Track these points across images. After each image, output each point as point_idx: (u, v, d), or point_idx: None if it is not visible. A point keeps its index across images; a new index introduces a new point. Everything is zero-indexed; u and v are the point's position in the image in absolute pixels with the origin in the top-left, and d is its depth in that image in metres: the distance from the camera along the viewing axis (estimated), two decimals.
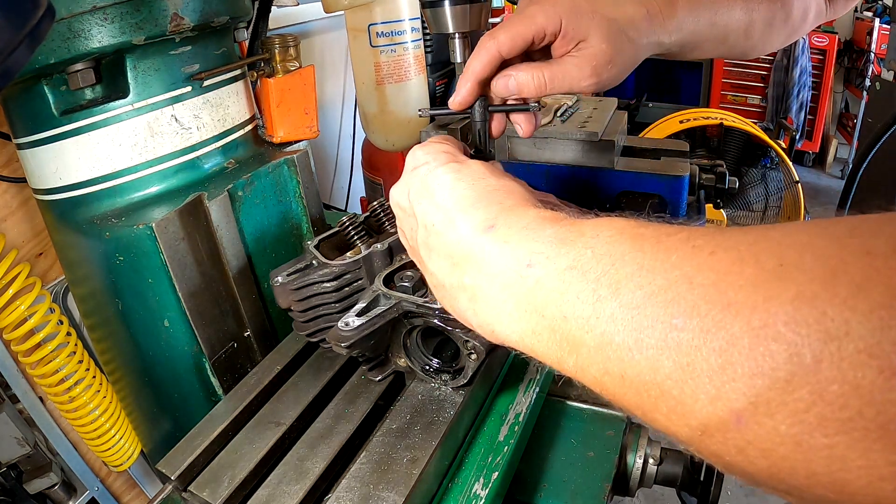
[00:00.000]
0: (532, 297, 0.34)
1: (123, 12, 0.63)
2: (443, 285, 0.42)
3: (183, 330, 0.74)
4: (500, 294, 0.36)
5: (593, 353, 0.29)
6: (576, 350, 0.31)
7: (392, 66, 1.20)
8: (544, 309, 0.33)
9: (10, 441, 1.01)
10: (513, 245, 0.36)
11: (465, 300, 0.40)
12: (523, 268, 0.35)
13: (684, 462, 0.74)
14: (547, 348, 0.33)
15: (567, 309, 0.31)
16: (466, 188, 0.43)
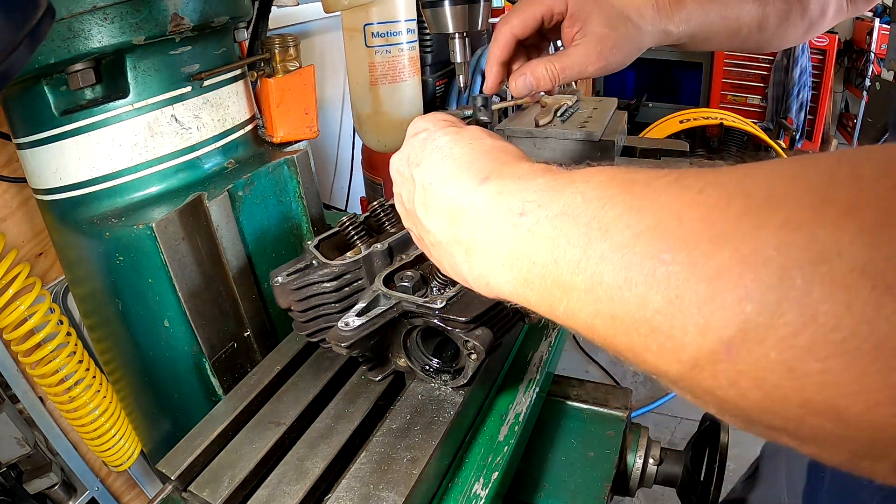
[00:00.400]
0: (524, 245, 0.34)
1: (123, 12, 0.63)
2: (440, 242, 0.43)
3: (183, 330, 0.74)
4: (494, 245, 0.37)
5: (584, 296, 0.29)
6: (567, 295, 0.31)
7: (387, 66, 1.20)
8: (536, 256, 0.33)
9: (10, 441, 1.01)
10: (506, 195, 0.37)
11: (461, 255, 0.40)
12: (516, 217, 0.35)
13: (684, 462, 0.74)
14: (539, 296, 0.33)
15: (558, 254, 0.31)
16: (464, 148, 0.44)
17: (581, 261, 0.29)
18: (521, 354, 0.75)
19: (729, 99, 3.92)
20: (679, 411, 2.28)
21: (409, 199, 0.47)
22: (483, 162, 0.41)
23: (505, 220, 0.36)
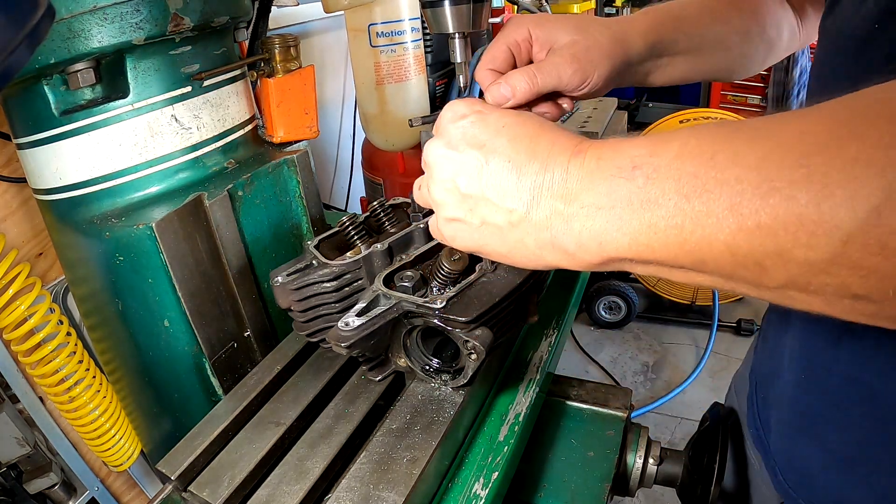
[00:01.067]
0: (645, 193, 0.34)
1: (123, 12, 0.63)
2: (522, 220, 0.41)
3: (183, 330, 0.74)
4: (606, 204, 0.36)
5: (724, 218, 0.30)
6: (701, 224, 0.32)
7: (392, 66, 1.20)
8: (660, 198, 0.33)
9: (10, 441, 1.01)
10: (607, 159, 0.37)
11: (560, 225, 0.39)
12: (628, 171, 0.35)
13: (684, 462, 0.74)
14: (664, 238, 0.34)
15: (688, 189, 0.32)
16: (533, 127, 0.43)
17: (714, 188, 0.31)
18: (521, 354, 0.75)
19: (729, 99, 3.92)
20: (679, 411, 2.28)
21: (468, 183, 0.43)
22: (562, 138, 0.41)
23: (615, 178, 0.36)
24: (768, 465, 0.65)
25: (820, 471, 0.58)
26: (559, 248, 0.40)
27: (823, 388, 0.57)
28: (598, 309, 2.73)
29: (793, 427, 0.61)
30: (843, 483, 0.56)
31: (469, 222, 0.44)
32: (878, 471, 0.53)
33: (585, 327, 2.81)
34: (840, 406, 0.55)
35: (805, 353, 0.59)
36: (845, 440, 0.55)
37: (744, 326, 2.61)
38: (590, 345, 2.69)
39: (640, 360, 2.60)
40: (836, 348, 0.54)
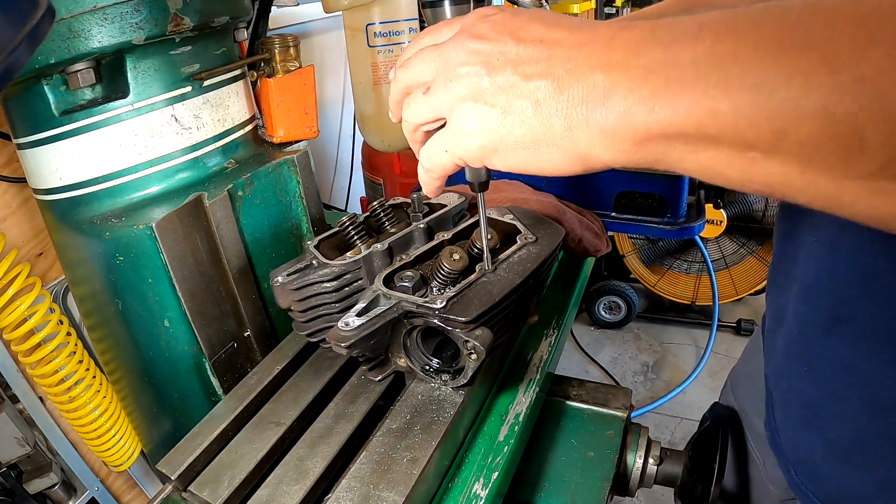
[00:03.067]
0: (712, 53, 0.29)
1: (123, 12, 0.63)
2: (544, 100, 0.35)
3: (183, 330, 0.74)
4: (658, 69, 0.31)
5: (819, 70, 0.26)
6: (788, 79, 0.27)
7: (389, 66, 1.20)
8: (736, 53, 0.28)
9: (10, 441, 1.01)
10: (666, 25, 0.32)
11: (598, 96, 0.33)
12: (693, 33, 0.30)
13: (684, 462, 0.74)
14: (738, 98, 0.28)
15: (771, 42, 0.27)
16: (574, 19, 0.38)
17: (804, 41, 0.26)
18: (521, 354, 0.75)
19: None
20: (679, 411, 2.28)
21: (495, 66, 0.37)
22: (605, 22, 0.36)
23: (676, 41, 0.30)
24: (783, 465, 0.65)
25: (821, 463, 0.58)
26: (595, 126, 0.34)
27: (822, 378, 0.56)
28: (598, 309, 2.73)
29: (799, 421, 0.61)
30: (844, 474, 0.56)
31: (490, 112, 0.38)
32: (876, 460, 0.53)
33: (585, 327, 2.81)
34: (838, 396, 0.55)
35: (799, 347, 0.59)
36: (843, 430, 0.55)
37: (744, 326, 2.61)
38: (590, 345, 2.69)
39: (640, 360, 2.60)
40: (828, 336, 0.54)
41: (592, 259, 1.00)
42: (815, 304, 0.56)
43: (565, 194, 1.06)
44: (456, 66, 0.39)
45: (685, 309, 2.65)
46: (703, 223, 1.04)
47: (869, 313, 0.50)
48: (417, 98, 0.42)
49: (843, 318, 0.52)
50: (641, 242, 2.55)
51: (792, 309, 0.60)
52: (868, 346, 0.51)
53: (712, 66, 0.29)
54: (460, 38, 0.39)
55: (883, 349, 0.49)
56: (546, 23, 0.37)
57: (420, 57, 0.42)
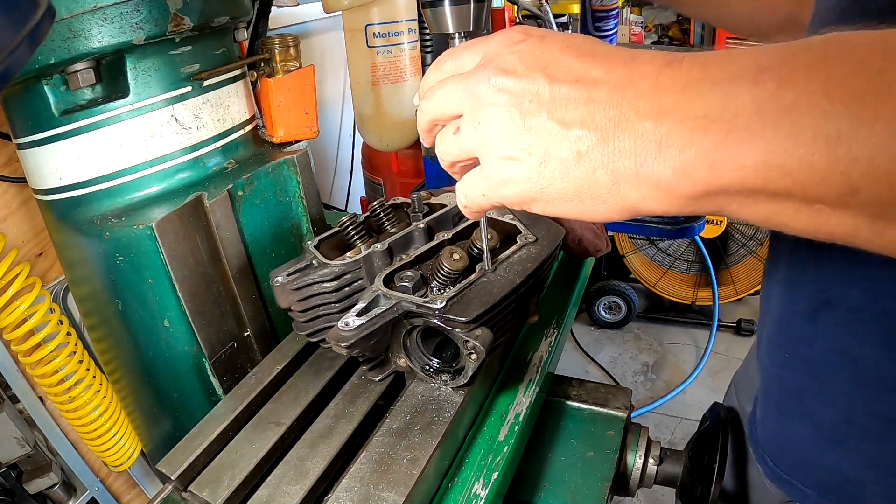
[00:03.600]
0: (777, 100, 0.26)
1: (123, 12, 0.63)
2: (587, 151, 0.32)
3: (183, 330, 0.74)
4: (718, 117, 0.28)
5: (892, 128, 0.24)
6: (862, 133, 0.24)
7: (388, 66, 1.20)
8: (800, 106, 0.25)
9: (10, 441, 1.01)
10: (718, 63, 0.29)
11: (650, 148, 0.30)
12: (752, 74, 0.27)
13: (684, 462, 0.74)
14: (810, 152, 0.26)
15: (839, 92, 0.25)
16: (609, 46, 0.35)
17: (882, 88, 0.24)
18: (521, 354, 0.75)
19: None
20: (679, 411, 2.28)
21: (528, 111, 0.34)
22: (645, 53, 0.33)
23: (734, 82, 0.28)
24: (759, 458, 0.65)
25: (812, 448, 0.58)
26: (646, 180, 0.31)
27: (807, 363, 0.56)
28: (598, 309, 2.73)
29: (782, 411, 0.61)
30: (836, 456, 0.56)
31: (527, 161, 0.35)
32: (867, 438, 0.53)
33: (585, 327, 2.81)
34: (825, 378, 0.55)
35: (785, 333, 0.59)
36: (833, 412, 0.55)
37: (744, 326, 2.61)
38: (590, 345, 2.69)
39: (640, 360, 2.60)
40: (814, 321, 0.54)
41: (592, 259, 1.00)
42: (799, 291, 0.56)
43: None
44: (485, 106, 0.36)
45: (685, 309, 2.65)
46: (703, 223, 1.04)
47: (856, 297, 0.50)
48: (448, 137, 0.40)
49: (829, 303, 0.52)
50: (641, 242, 2.55)
51: (776, 295, 0.60)
52: (857, 327, 0.51)
53: (779, 114, 0.26)
54: (486, 73, 0.36)
55: (873, 329, 0.49)
56: (580, 54, 0.34)
57: (445, 89, 0.39)
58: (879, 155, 0.24)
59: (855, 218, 0.27)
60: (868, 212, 0.26)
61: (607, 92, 0.32)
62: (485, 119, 0.36)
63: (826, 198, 0.26)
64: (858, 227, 0.27)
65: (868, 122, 0.24)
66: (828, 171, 0.25)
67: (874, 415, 0.52)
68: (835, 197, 0.26)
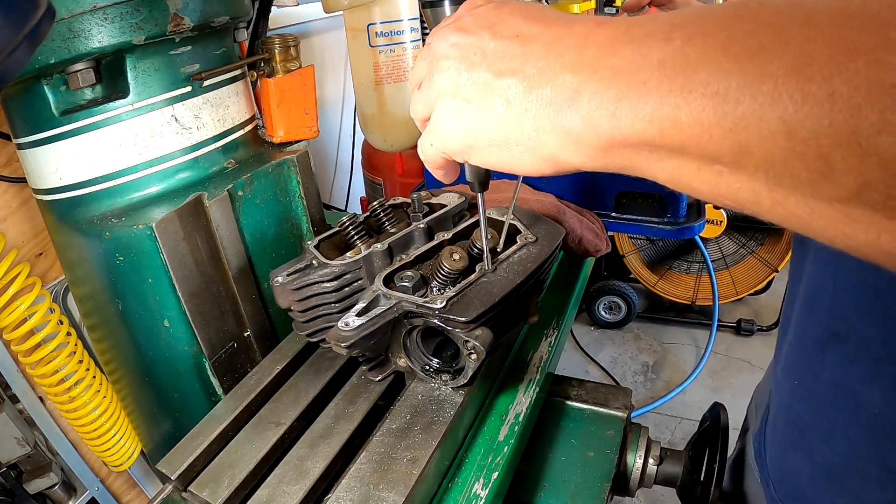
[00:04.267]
0: (681, 55, 0.26)
1: (123, 12, 0.63)
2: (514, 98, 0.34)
3: (183, 330, 0.74)
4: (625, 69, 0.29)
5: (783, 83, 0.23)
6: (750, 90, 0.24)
7: (391, 66, 1.20)
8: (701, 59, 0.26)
9: (10, 441, 1.01)
10: (641, 22, 0.30)
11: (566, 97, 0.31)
12: (664, 33, 0.28)
13: (684, 462, 0.74)
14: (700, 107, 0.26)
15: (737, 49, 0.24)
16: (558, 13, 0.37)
17: (774, 46, 0.23)
18: (521, 354, 0.75)
19: None
20: (679, 411, 2.28)
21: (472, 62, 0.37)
22: (585, 17, 0.35)
23: (647, 41, 0.28)
24: (763, 479, 0.65)
25: (809, 484, 0.57)
26: (560, 129, 0.32)
27: (812, 395, 0.55)
28: (598, 309, 2.73)
29: (786, 439, 0.60)
30: (831, 496, 0.55)
31: (466, 109, 0.37)
32: (866, 483, 0.51)
33: (585, 327, 2.81)
34: (827, 414, 0.53)
35: (797, 359, 0.57)
36: (833, 451, 0.53)
37: (744, 326, 2.61)
38: (590, 345, 2.70)
39: (640, 360, 2.60)
40: (823, 352, 0.52)
41: (592, 259, 1.00)
42: (814, 315, 0.54)
43: (565, 194, 1.06)
44: (439, 60, 0.39)
45: (685, 309, 2.65)
46: (703, 223, 1.04)
47: (865, 332, 0.48)
48: (415, 94, 0.43)
49: (839, 335, 0.50)
50: (641, 242, 2.55)
51: (795, 318, 0.58)
52: (862, 366, 0.49)
53: (677, 69, 0.26)
54: (445, 31, 0.39)
55: (877, 371, 0.48)
56: (526, 16, 0.36)
57: (420, 55, 0.43)
58: (768, 113, 0.23)
59: (752, 181, 0.26)
60: (764, 176, 0.25)
61: (540, 46, 0.34)
62: (437, 73, 0.39)
63: (721, 157, 0.26)
64: (758, 194, 0.26)
65: (756, 80, 0.23)
66: (715, 126, 0.25)
67: (876, 461, 0.50)
68: (729, 156, 0.26)
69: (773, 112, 0.23)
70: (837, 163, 0.22)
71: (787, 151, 0.23)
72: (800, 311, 0.57)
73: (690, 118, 0.26)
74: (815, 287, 0.54)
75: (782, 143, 0.23)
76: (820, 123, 0.22)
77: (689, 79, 0.26)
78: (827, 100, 0.21)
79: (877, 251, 0.24)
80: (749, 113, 0.24)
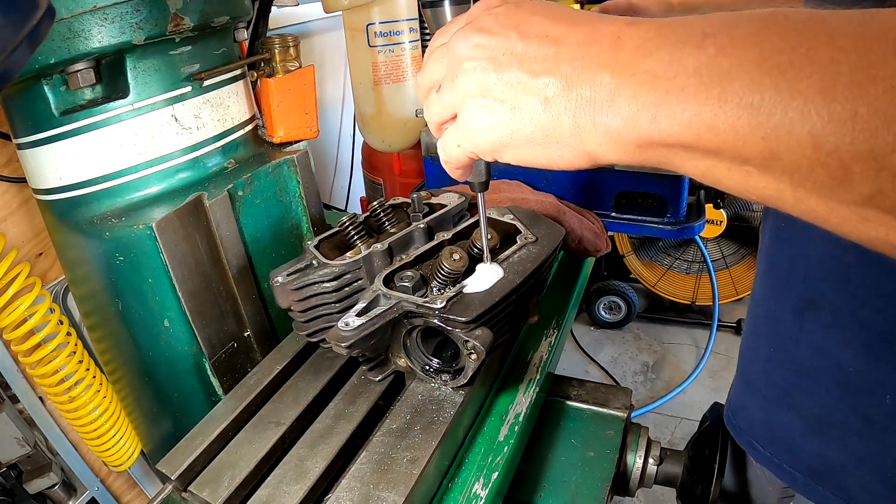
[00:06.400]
0: (716, 64, 0.28)
1: (123, 12, 0.63)
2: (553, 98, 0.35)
3: (183, 330, 0.74)
4: (662, 74, 0.31)
5: (812, 101, 0.25)
6: (783, 105, 0.26)
7: (390, 66, 1.20)
8: (735, 69, 0.28)
9: (10, 441, 1.01)
10: (672, 25, 0.31)
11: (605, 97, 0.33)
12: (697, 38, 0.30)
13: (684, 462, 0.74)
14: (735, 116, 0.28)
15: (769, 64, 0.27)
16: (579, 11, 0.38)
17: (804, 66, 0.26)
18: (521, 354, 0.75)
19: None
20: (679, 411, 2.28)
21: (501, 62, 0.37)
22: (609, 17, 0.35)
23: (680, 44, 0.30)
24: (742, 440, 0.68)
25: (800, 437, 0.60)
26: (601, 127, 0.34)
27: (793, 359, 0.59)
28: (598, 309, 2.73)
29: (770, 401, 0.63)
30: (822, 445, 0.58)
31: (498, 108, 0.38)
32: (850, 433, 0.55)
33: (585, 327, 2.81)
34: (810, 375, 0.58)
35: (773, 328, 0.61)
36: (818, 406, 0.58)
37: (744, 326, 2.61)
38: (590, 345, 2.69)
39: (640, 360, 2.60)
40: (800, 320, 0.57)
41: (592, 259, 1.00)
42: (789, 289, 0.59)
43: (565, 194, 1.06)
44: (462, 62, 0.39)
45: (685, 309, 2.65)
46: (703, 223, 1.04)
47: (838, 302, 0.53)
48: (432, 97, 0.43)
49: (815, 304, 0.55)
50: (641, 242, 2.55)
51: (766, 293, 0.63)
52: (838, 331, 0.53)
53: (713, 79, 0.28)
54: (465, 32, 0.39)
55: (852, 335, 0.52)
56: (550, 16, 0.37)
57: (432, 58, 0.43)
58: (797, 127, 0.26)
59: (778, 182, 0.29)
60: (789, 179, 0.28)
61: (573, 47, 0.35)
62: (462, 74, 0.39)
63: (752, 160, 0.29)
64: (783, 192, 0.29)
65: (788, 96, 0.26)
66: (749, 134, 0.28)
67: (856, 413, 0.55)
68: (759, 160, 0.28)
69: (802, 127, 0.26)
70: (856, 173, 0.25)
71: (813, 161, 0.26)
72: (773, 286, 0.62)
73: (726, 125, 0.28)
74: (788, 263, 0.59)
75: (809, 153, 0.26)
76: (843, 140, 0.25)
77: (724, 89, 0.28)
78: (850, 119, 0.25)
79: (886, 245, 0.27)
80: (781, 125, 0.27)
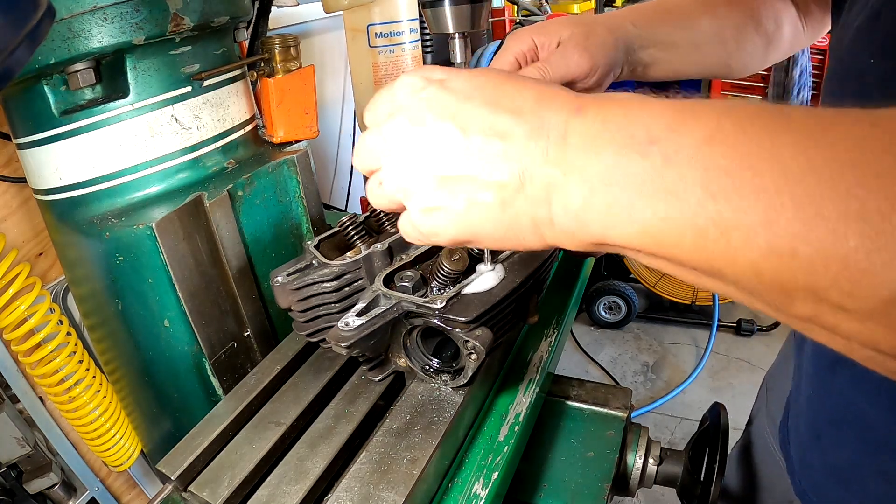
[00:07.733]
0: (661, 179, 0.28)
1: (123, 12, 0.63)
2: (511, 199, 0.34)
3: (183, 330, 0.74)
4: (613, 182, 0.30)
5: (755, 234, 0.25)
6: (726, 234, 0.26)
7: (390, 66, 1.20)
8: (681, 190, 0.27)
9: (10, 441, 1.01)
10: (617, 120, 0.31)
11: (559, 199, 0.32)
12: (643, 145, 0.29)
13: (684, 462, 0.74)
14: (680, 236, 0.28)
15: (714, 187, 0.26)
16: (514, 82, 0.35)
17: (749, 195, 0.25)
18: (521, 354, 0.75)
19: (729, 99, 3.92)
20: (679, 411, 2.28)
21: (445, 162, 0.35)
22: (552, 93, 0.34)
23: (626, 150, 0.30)
24: (789, 469, 0.68)
25: (822, 480, 0.62)
26: (558, 225, 0.34)
27: (825, 406, 0.60)
28: (598, 309, 2.73)
29: (805, 439, 0.64)
30: (841, 493, 0.60)
31: (452, 208, 0.36)
32: (868, 489, 0.56)
33: (585, 327, 2.81)
34: (837, 425, 0.58)
35: (814, 371, 0.62)
36: (841, 457, 0.58)
37: (744, 326, 2.61)
38: (590, 345, 2.69)
39: (640, 360, 2.60)
40: (833, 370, 0.57)
41: (592, 259, 1.00)
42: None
43: None
44: (400, 160, 0.37)
45: (685, 309, 2.65)
46: None
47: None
48: (375, 189, 0.40)
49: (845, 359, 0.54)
50: None
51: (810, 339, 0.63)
52: (866, 387, 0.53)
53: (659, 192, 0.28)
54: (396, 126, 0.37)
55: (881, 393, 0.52)
56: (487, 102, 0.35)
57: (363, 144, 0.40)
58: (739, 255, 0.26)
59: (726, 287, 0.29)
60: (736, 290, 0.29)
61: (520, 141, 0.33)
62: (402, 172, 0.37)
63: (699, 270, 0.29)
64: (734, 296, 0.30)
65: (732, 224, 0.26)
66: (693, 253, 0.28)
67: (876, 470, 0.55)
68: (707, 272, 0.29)
69: (744, 255, 0.26)
70: (796, 300, 0.26)
71: (755, 284, 0.27)
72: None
73: (671, 241, 0.29)
74: None
75: (751, 277, 0.27)
76: (783, 274, 0.26)
77: (670, 206, 0.28)
78: (790, 256, 0.25)
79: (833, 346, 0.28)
80: (724, 251, 0.27)
